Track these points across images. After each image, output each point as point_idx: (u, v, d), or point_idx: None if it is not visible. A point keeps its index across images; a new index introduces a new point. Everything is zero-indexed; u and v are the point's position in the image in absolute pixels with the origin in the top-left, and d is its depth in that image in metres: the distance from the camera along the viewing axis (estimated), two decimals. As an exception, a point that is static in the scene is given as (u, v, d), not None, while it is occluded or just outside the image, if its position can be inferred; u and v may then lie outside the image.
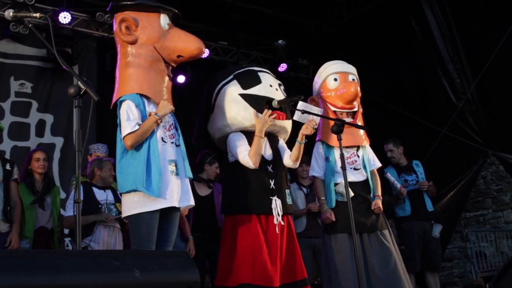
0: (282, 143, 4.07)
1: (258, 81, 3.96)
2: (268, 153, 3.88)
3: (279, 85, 4.07)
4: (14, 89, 6.37)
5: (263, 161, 3.77)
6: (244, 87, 3.91)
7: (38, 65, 6.58)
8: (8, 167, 4.40)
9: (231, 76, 4.00)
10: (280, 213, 3.73)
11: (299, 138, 3.84)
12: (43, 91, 6.57)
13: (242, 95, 3.87)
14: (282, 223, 3.75)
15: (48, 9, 6.32)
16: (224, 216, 3.96)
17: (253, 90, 3.90)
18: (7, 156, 5.72)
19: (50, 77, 6.63)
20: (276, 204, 3.73)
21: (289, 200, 3.89)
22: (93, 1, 6.98)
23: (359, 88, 4.33)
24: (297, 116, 3.82)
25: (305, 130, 3.80)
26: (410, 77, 7.48)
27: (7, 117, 6.19)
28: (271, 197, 3.74)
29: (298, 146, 3.84)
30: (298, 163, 3.97)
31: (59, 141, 6.57)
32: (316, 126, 3.86)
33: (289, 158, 3.92)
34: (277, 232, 3.69)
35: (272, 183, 3.78)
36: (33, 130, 6.42)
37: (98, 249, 4.13)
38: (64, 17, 6.32)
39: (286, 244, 3.76)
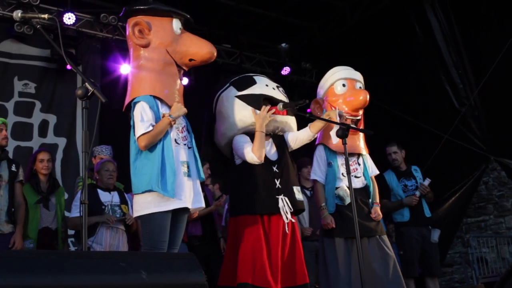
0: (287, 135, 4.02)
1: (253, 82, 4.01)
2: (272, 152, 3.87)
3: (277, 86, 4.10)
4: (18, 89, 6.39)
5: (268, 161, 3.76)
6: (240, 89, 3.96)
7: (42, 66, 6.60)
8: (13, 168, 4.39)
9: (227, 84, 4.07)
10: (289, 211, 3.69)
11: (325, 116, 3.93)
12: (46, 92, 6.59)
13: (238, 96, 3.92)
14: (293, 220, 3.73)
15: (52, 10, 6.34)
16: (229, 218, 3.98)
17: (249, 90, 3.95)
18: (10, 156, 5.72)
19: (54, 78, 6.66)
20: (284, 202, 3.69)
21: (299, 197, 3.81)
22: (97, 2, 7.01)
23: (368, 97, 4.32)
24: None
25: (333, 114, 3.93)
26: (413, 81, 7.48)
27: (11, 117, 6.20)
28: (277, 196, 3.70)
29: (323, 121, 3.87)
30: (317, 135, 4.03)
31: (61, 142, 6.58)
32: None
33: (308, 130, 3.92)
34: (287, 231, 3.67)
35: (278, 182, 3.75)
36: (36, 130, 6.43)
37: (102, 250, 4.13)
38: (69, 18, 6.35)
39: (289, 247, 3.73)
